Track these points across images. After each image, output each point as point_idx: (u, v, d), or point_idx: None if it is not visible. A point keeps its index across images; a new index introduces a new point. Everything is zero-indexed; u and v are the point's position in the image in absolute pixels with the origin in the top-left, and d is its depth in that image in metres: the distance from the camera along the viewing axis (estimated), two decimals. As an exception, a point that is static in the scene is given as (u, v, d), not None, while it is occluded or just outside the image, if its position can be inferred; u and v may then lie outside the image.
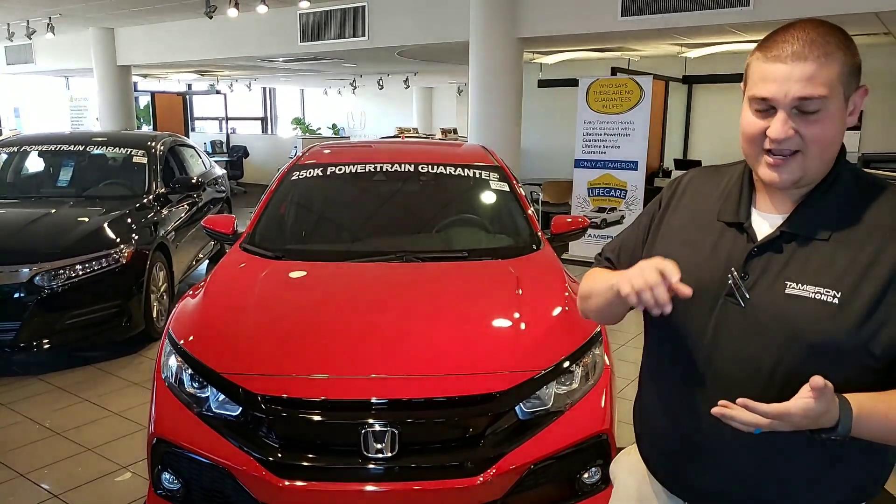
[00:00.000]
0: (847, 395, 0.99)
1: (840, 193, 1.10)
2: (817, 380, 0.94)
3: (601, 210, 7.18)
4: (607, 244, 1.41)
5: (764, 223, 1.14)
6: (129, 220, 4.71)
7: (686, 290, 1.03)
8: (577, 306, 1.39)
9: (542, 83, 9.93)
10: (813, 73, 1.01)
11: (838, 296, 1.03)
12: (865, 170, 1.18)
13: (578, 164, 7.18)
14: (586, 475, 2.22)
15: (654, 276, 1.03)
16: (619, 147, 6.92)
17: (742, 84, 1.15)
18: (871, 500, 1.17)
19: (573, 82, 7.39)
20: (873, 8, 5.48)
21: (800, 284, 1.06)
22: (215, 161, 8.09)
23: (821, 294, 1.04)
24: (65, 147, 5.67)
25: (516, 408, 2.17)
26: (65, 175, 5.57)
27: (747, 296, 1.09)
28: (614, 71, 8.10)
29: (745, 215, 1.15)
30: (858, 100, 1.08)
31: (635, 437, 1.38)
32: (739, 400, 0.98)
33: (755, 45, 1.12)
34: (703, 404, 1.08)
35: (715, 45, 7.90)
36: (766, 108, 1.06)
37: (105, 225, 4.51)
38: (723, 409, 1.00)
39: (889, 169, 3.50)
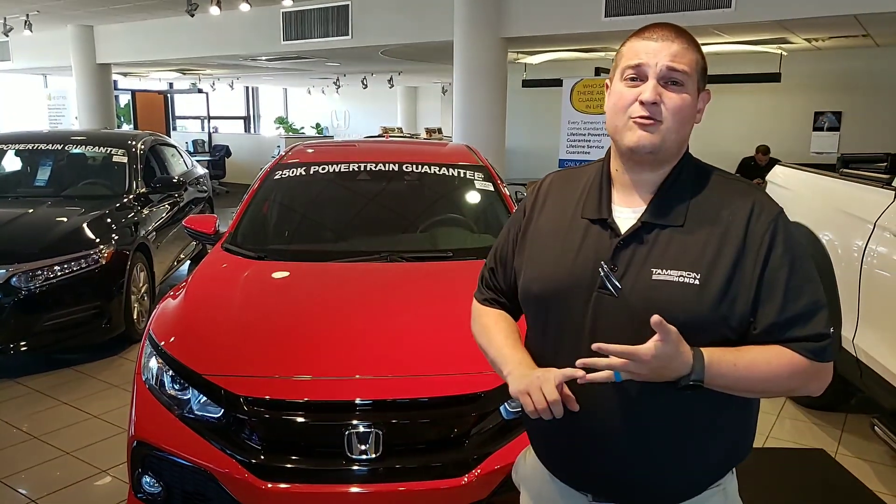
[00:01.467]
0: (700, 348, 1.09)
1: (687, 182, 1.22)
2: (654, 317, 1.03)
3: (585, 210, 7.20)
4: (490, 253, 1.46)
5: (625, 217, 1.23)
6: (108, 221, 4.65)
7: (579, 373, 1.10)
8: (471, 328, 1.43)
9: (527, 83, 9.95)
10: (678, 53, 1.18)
11: (698, 277, 1.14)
12: (706, 164, 1.30)
13: (563, 164, 7.21)
14: (571, 475, 2.22)
15: (553, 394, 1.11)
16: (602, 147, 6.95)
17: (608, 77, 1.27)
18: (741, 462, 1.27)
19: (557, 82, 7.42)
20: (852, 10, 5.56)
21: (664, 270, 1.15)
22: (197, 160, 8.02)
23: (683, 277, 1.14)
24: (43, 146, 5.59)
25: (501, 407, 2.16)
26: (43, 174, 5.48)
27: (619, 286, 1.17)
28: (598, 71, 8.14)
29: (608, 211, 1.24)
30: (703, 101, 1.23)
31: (530, 440, 1.39)
32: (594, 345, 1.06)
33: (734, 44, 1.16)
34: (591, 394, 1.14)
35: (697, 46, 7.96)
36: (638, 77, 1.19)
37: (84, 225, 4.45)
38: (585, 371, 1.08)
39: (867, 169, 3.54)
